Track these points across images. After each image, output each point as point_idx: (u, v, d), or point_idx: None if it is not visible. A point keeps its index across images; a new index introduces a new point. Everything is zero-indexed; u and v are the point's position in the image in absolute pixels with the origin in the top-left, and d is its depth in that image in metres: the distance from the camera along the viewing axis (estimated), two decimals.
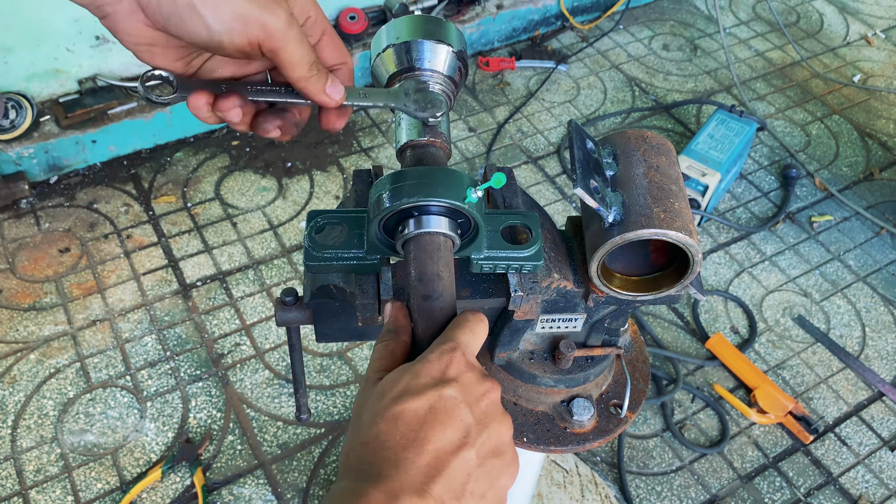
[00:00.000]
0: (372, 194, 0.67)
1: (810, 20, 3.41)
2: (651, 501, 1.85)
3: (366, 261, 0.71)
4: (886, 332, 2.23)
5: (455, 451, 0.54)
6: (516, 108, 2.83)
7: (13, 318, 2.08)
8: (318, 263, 0.71)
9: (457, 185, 0.65)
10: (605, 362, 0.92)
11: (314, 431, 1.91)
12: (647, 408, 2.01)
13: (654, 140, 0.79)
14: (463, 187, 0.65)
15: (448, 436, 0.54)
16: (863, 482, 1.91)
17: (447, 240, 0.67)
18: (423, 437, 0.54)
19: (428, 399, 0.56)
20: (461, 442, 0.55)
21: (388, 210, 0.65)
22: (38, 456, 1.83)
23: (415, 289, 0.64)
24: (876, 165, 2.75)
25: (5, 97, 2.28)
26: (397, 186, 0.65)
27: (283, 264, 2.26)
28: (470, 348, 0.61)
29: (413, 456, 0.53)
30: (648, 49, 3.16)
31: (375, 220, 0.66)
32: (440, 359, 0.59)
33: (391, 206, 0.64)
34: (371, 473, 0.53)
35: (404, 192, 0.64)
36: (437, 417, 0.55)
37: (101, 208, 2.37)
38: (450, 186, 0.65)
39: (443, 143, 0.74)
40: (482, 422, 0.57)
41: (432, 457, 0.53)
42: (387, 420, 0.55)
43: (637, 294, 0.78)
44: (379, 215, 0.65)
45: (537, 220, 0.73)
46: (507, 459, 0.58)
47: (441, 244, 0.66)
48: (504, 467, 0.57)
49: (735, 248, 2.43)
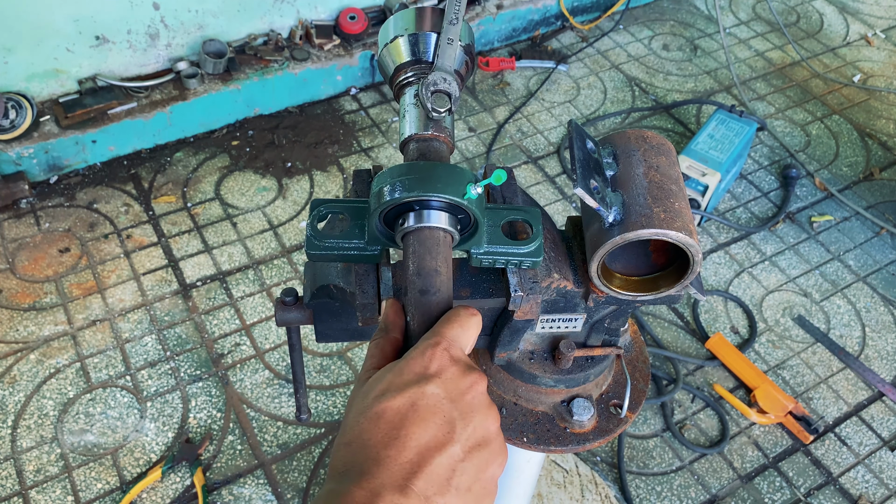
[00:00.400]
0: (374, 186, 0.67)
1: (810, 20, 3.41)
2: (651, 501, 1.85)
3: (366, 251, 0.71)
4: (886, 332, 2.23)
5: (438, 447, 0.54)
6: (516, 108, 2.83)
7: (13, 318, 2.08)
8: (320, 252, 0.71)
9: (457, 180, 0.65)
10: (605, 362, 0.92)
11: (314, 431, 1.91)
12: (647, 408, 2.01)
13: (654, 140, 0.79)
14: (463, 183, 0.65)
15: (430, 432, 0.55)
16: (863, 482, 1.91)
17: (447, 235, 0.67)
18: (405, 435, 0.54)
19: (409, 396, 0.56)
20: (444, 437, 0.55)
21: (388, 203, 0.65)
22: (38, 456, 1.83)
23: (412, 283, 0.64)
24: (876, 165, 2.75)
25: (5, 97, 2.28)
26: (399, 180, 0.65)
27: (283, 264, 2.26)
28: (457, 342, 0.61)
29: (395, 453, 0.53)
30: (648, 49, 3.16)
31: (376, 213, 0.66)
32: (423, 355, 0.59)
33: (391, 200, 0.64)
34: (354, 473, 0.53)
35: (405, 185, 0.64)
36: (419, 414, 0.55)
37: (101, 208, 2.37)
38: (450, 182, 0.65)
39: (446, 138, 0.73)
40: (466, 415, 0.57)
41: (414, 453, 0.53)
42: (369, 419, 0.55)
43: (637, 294, 0.78)
44: (379, 208, 0.66)
45: (539, 215, 0.73)
46: (494, 450, 0.58)
47: (440, 239, 0.66)
48: (491, 458, 0.58)
49: (735, 248, 2.43)
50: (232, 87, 2.57)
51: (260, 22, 2.65)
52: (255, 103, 2.66)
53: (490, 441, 0.58)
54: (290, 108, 2.74)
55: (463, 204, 0.65)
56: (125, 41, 2.43)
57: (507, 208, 0.73)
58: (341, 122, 2.71)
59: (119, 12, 2.35)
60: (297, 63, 2.67)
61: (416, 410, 0.55)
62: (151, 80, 2.51)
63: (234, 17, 2.57)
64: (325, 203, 0.72)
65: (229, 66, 2.58)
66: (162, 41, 2.49)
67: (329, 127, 2.69)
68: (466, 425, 0.57)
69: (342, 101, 2.79)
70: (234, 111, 2.64)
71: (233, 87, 2.57)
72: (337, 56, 2.73)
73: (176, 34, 2.49)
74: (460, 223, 0.68)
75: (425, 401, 0.56)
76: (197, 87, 2.54)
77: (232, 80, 2.57)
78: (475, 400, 0.58)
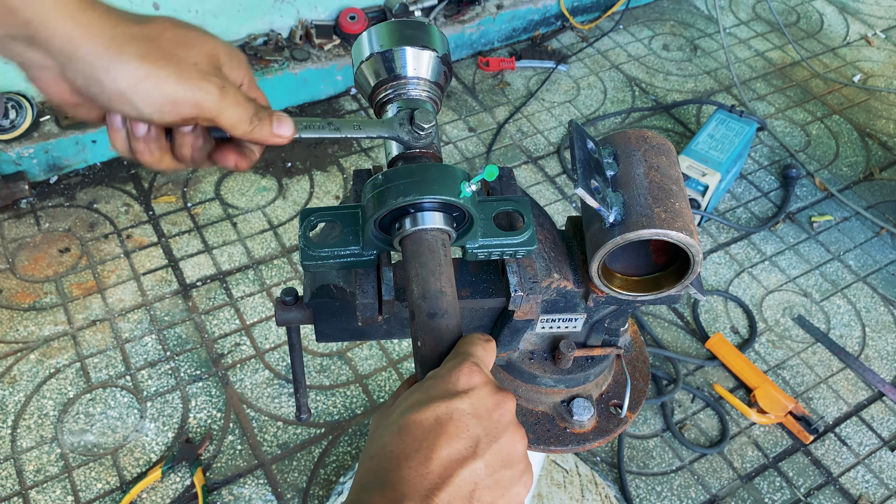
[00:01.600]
0: (365, 193, 0.67)
1: (810, 20, 3.41)
2: (651, 501, 1.85)
3: (362, 257, 0.71)
4: (886, 332, 2.23)
5: (462, 462, 0.54)
6: (516, 108, 2.83)
7: (13, 318, 2.08)
8: (315, 262, 0.70)
9: (451, 180, 0.65)
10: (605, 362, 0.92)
11: (314, 431, 1.91)
12: (647, 408, 2.01)
13: (654, 140, 0.79)
14: (457, 182, 0.65)
15: (455, 446, 0.54)
16: (863, 482, 1.91)
17: (445, 240, 0.66)
18: (429, 447, 0.53)
19: (435, 410, 0.55)
20: (469, 452, 0.54)
21: (382, 211, 0.65)
22: (38, 456, 1.83)
23: (418, 307, 0.64)
24: (876, 165, 2.75)
25: (5, 97, 2.28)
26: (391, 185, 0.65)
27: (283, 264, 2.26)
28: (483, 362, 0.61)
29: (417, 465, 0.53)
30: (648, 49, 3.16)
31: (371, 220, 0.66)
32: (451, 372, 0.58)
33: (386, 207, 0.64)
34: (376, 484, 0.53)
35: (399, 190, 0.64)
36: (445, 428, 0.55)
37: (101, 208, 2.37)
38: (444, 183, 0.65)
39: (434, 153, 0.73)
40: (493, 434, 0.56)
41: (438, 465, 0.53)
42: (393, 432, 0.55)
43: (637, 294, 0.78)
44: (374, 215, 0.65)
45: (528, 204, 0.74)
46: (520, 470, 0.57)
47: (441, 254, 0.65)
48: (515, 479, 0.57)
49: (735, 248, 2.43)
50: None
51: (260, 22, 2.65)
52: None
53: (515, 461, 0.57)
54: (290, 108, 2.74)
55: (459, 203, 0.65)
56: None
57: (497, 199, 0.74)
58: None
59: None
60: (297, 63, 2.67)
61: (441, 425, 0.55)
62: None
63: (234, 17, 2.57)
64: (315, 212, 0.72)
65: None
66: None
67: None
68: (492, 442, 0.56)
69: (342, 101, 2.79)
70: None
71: None
72: (337, 56, 2.73)
73: None
74: (455, 221, 0.68)
75: (452, 416, 0.55)
76: None
77: None
78: (503, 419, 0.58)
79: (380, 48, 0.74)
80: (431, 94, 0.75)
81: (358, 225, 0.70)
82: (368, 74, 0.75)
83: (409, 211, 0.66)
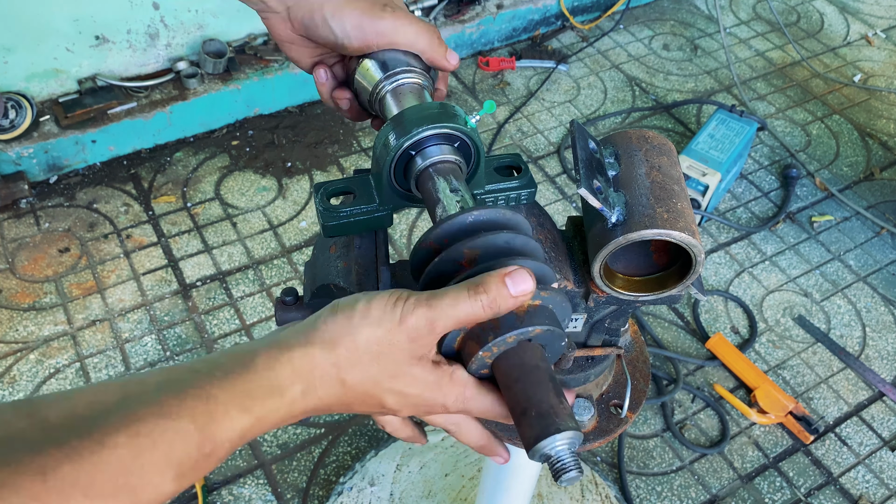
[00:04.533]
0: (377, 143, 0.70)
1: (810, 20, 3.41)
2: (651, 501, 1.85)
3: (380, 212, 0.74)
4: (887, 332, 2.23)
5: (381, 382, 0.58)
6: (516, 107, 2.83)
7: (13, 318, 2.08)
8: (337, 223, 0.73)
9: (455, 113, 0.70)
10: (606, 362, 0.91)
11: (314, 431, 1.91)
12: (647, 408, 2.01)
13: (655, 140, 0.79)
14: (461, 115, 0.70)
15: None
16: (863, 482, 1.91)
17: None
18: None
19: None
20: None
21: (396, 147, 0.68)
22: None
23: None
24: (876, 165, 2.74)
25: (5, 97, 2.28)
26: (400, 126, 0.69)
27: (283, 264, 2.26)
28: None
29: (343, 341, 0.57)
30: (649, 49, 3.16)
31: (387, 163, 0.69)
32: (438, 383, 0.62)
33: (407, 137, 0.67)
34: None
35: (412, 124, 0.68)
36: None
37: (100, 208, 2.37)
38: (450, 117, 0.69)
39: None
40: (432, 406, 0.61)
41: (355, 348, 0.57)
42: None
43: (639, 294, 0.78)
44: (389, 155, 0.68)
45: (521, 157, 0.80)
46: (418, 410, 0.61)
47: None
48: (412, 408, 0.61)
49: (735, 247, 2.43)
50: (232, 86, 2.57)
51: (260, 22, 2.64)
52: (255, 103, 2.66)
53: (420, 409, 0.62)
54: (290, 107, 2.74)
55: (468, 132, 0.69)
56: (125, 41, 2.43)
57: (493, 157, 0.79)
58: (341, 122, 2.71)
59: (119, 12, 2.35)
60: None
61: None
62: (151, 80, 2.51)
63: (234, 16, 2.57)
64: (327, 184, 0.76)
65: (229, 65, 2.58)
66: (162, 41, 2.48)
67: (329, 127, 2.69)
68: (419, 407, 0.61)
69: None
70: (233, 111, 2.64)
71: (233, 86, 2.57)
72: None
73: (176, 34, 2.49)
74: (464, 158, 0.73)
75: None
76: (197, 87, 2.54)
77: (232, 79, 2.57)
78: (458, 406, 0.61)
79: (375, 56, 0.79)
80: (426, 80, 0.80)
81: (371, 186, 0.74)
82: (366, 77, 0.79)
83: (420, 148, 0.69)
